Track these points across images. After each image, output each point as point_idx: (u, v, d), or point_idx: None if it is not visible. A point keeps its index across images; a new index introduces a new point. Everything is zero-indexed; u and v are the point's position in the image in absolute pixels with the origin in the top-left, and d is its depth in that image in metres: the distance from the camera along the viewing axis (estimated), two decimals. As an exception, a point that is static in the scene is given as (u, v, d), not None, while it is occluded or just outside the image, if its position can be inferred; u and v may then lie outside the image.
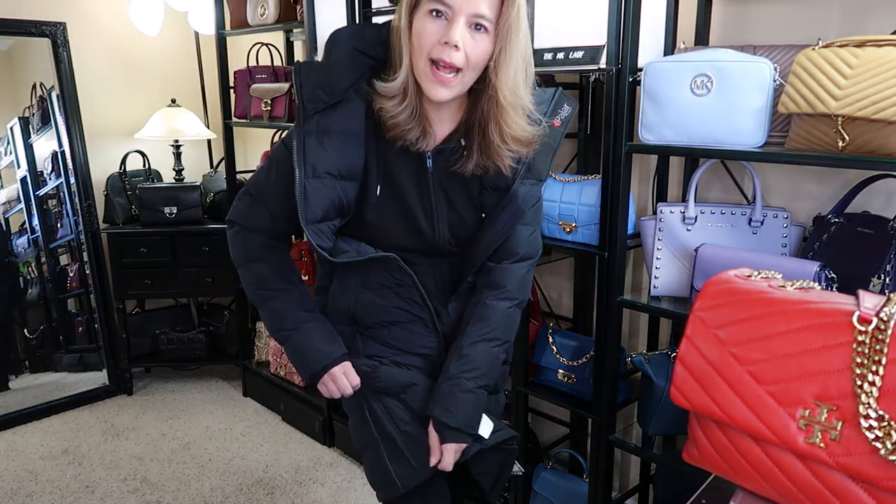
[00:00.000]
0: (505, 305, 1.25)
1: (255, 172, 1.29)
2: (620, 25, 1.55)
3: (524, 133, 1.13)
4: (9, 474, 2.52)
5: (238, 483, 2.46)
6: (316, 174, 1.11)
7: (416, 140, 1.12)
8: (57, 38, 2.93)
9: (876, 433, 0.72)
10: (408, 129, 1.11)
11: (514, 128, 1.12)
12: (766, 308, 0.82)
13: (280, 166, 1.18)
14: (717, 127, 1.46)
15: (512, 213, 1.19)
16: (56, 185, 3.04)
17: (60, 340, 3.16)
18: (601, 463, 1.81)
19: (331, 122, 1.11)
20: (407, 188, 1.17)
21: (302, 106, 1.12)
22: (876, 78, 1.19)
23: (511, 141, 1.13)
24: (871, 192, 1.48)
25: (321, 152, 1.11)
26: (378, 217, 1.17)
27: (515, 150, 1.14)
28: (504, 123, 1.10)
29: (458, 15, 1.03)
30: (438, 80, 1.06)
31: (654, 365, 1.70)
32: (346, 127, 1.12)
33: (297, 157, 1.10)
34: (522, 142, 1.14)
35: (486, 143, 1.13)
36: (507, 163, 1.15)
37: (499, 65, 1.07)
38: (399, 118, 1.10)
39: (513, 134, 1.12)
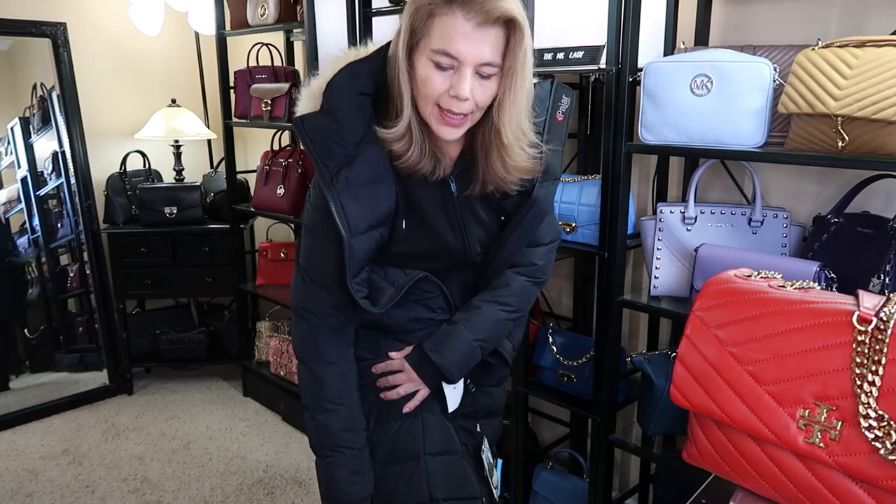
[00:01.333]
0: (524, 279, 1.27)
1: (300, 251, 1.21)
2: (620, 25, 1.55)
3: (526, 163, 1.13)
4: (9, 474, 2.52)
5: (238, 483, 2.46)
6: (359, 231, 1.08)
7: (432, 171, 1.11)
8: (57, 38, 2.93)
9: (875, 433, 0.72)
10: (420, 165, 1.10)
11: (516, 160, 1.11)
12: (765, 308, 0.83)
13: (325, 235, 1.12)
14: (716, 127, 1.46)
15: (535, 215, 1.19)
16: (56, 185, 3.04)
17: (61, 340, 3.17)
18: (601, 463, 1.81)
19: (358, 174, 1.08)
20: (433, 215, 1.16)
21: (322, 166, 1.07)
22: (876, 78, 1.19)
23: (514, 171, 1.13)
24: (870, 192, 1.49)
25: (358, 208, 1.08)
26: (405, 248, 1.16)
27: (520, 178, 1.14)
28: (507, 158, 1.10)
29: (465, 66, 1.00)
30: (448, 123, 1.05)
31: (654, 365, 1.70)
32: (374, 174, 1.09)
33: (339, 219, 1.06)
34: (525, 170, 1.14)
35: (490, 173, 1.13)
36: (512, 188, 1.15)
37: (502, 106, 1.06)
38: (411, 158, 1.09)
39: (515, 165, 1.12)
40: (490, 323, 1.23)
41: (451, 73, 1.01)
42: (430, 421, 1.25)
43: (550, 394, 1.96)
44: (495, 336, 1.25)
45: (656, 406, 1.67)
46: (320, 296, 1.17)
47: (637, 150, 1.64)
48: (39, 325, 3.10)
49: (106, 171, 3.14)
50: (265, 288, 3.01)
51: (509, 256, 1.22)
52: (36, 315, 3.09)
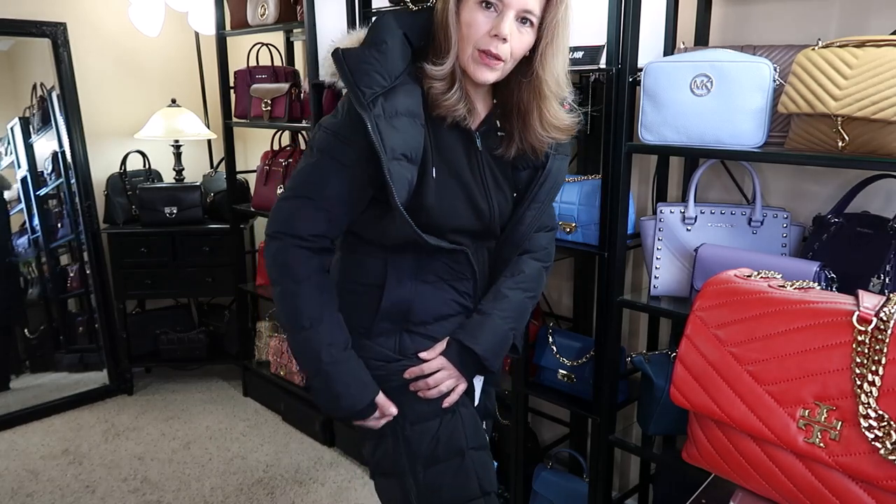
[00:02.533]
0: (537, 264, 1.31)
1: (296, 174, 1.18)
2: (620, 25, 1.55)
3: (563, 122, 1.19)
4: (9, 474, 2.52)
5: (238, 483, 2.46)
6: (395, 156, 1.08)
7: (464, 118, 1.15)
8: (57, 38, 2.93)
9: (875, 433, 0.72)
10: (457, 107, 1.14)
11: (554, 116, 1.17)
12: (765, 308, 0.83)
13: (336, 159, 1.13)
14: (716, 127, 1.46)
15: (550, 187, 1.24)
16: (56, 185, 3.04)
17: (61, 340, 3.16)
18: (601, 463, 1.81)
19: (395, 104, 1.09)
20: (461, 167, 1.18)
21: (358, 92, 1.07)
22: (875, 78, 1.19)
23: (551, 129, 1.18)
24: (870, 192, 1.49)
25: (394, 134, 1.08)
26: (438, 199, 1.15)
27: (555, 137, 1.19)
28: (547, 111, 1.15)
29: (509, 9, 1.07)
30: (486, 65, 1.10)
31: (654, 365, 1.70)
32: (409, 109, 1.11)
33: (376, 140, 1.05)
34: (562, 129, 1.19)
35: (526, 130, 1.18)
36: (545, 148, 1.20)
37: (545, 57, 1.12)
38: (451, 98, 1.13)
39: (553, 122, 1.17)
40: (518, 310, 1.26)
41: (493, 16, 1.07)
42: (466, 415, 1.27)
43: (550, 394, 1.96)
44: (522, 322, 1.29)
45: (656, 406, 1.67)
46: (309, 218, 1.14)
47: (637, 150, 1.64)
48: (39, 325, 3.10)
49: (106, 171, 3.14)
50: (265, 288, 3.01)
51: (526, 233, 1.25)
52: (36, 315, 3.09)
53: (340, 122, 1.14)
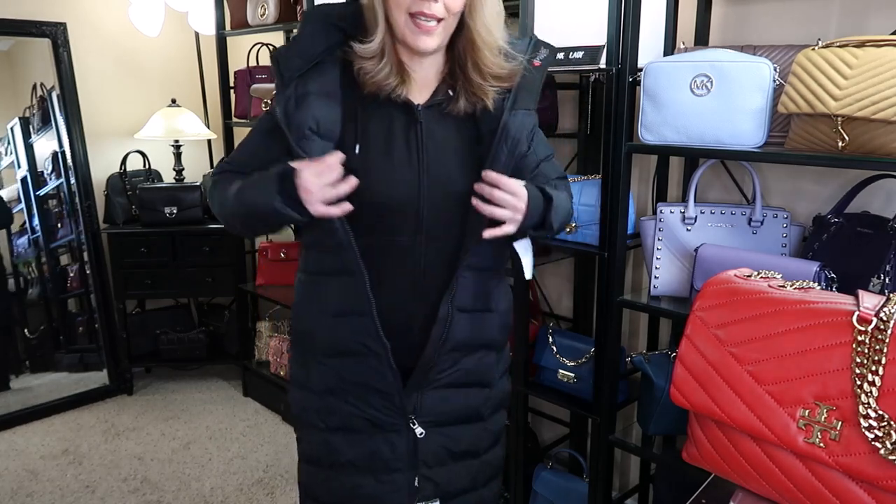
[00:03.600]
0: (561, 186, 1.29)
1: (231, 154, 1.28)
2: (620, 25, 1.55)
3: (502, 70, 1.15)
4: (9, 474, 2.52)
5: (238, 483, 2.46)
6: (301, 133, 1.11)
7: (395, 88, 1.13)
8: (57, 38, 2.93)
9: (875, 433, 0.72)
10: (387, 82, 1.12)
11: (491, 65, 1.14)
12: (765, 308, 0.83)
13: (262, 133, 1.21)
14: (716, 127, 1.46)
15: (512, 145, 1.16)
16: (56, 185, 3.04)
17: (61, 340, 3.16)
18: (601, 463, 1.81)
19: (308, 85, 1.12)
20: (394, 144, 1.15)
21: (280, 76, 1.13)
22: (875, 78, 1.19)
23: (491, 78, 1.15)
24: (870, 192, 1.49)
25: (300, 113, 1.11)
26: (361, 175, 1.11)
27: (497, 86, 1.15)
28: (481, 62, 1.13)
29: None
30: (422, 30, 1.08)
31: (654, 365, 1.70)
32: (322, 88, 1.13)
33: (283, 122, 1.11)
34: (503, 77, 1.16)
35: (468, 83, 1.15)
36: (490, 98, 1.15)
37: (474, 7, 1.11)
38: (378, 76, 1.12)
39: (491, 72, 1.14)
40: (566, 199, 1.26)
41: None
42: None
43: (550, 394, 1.96)
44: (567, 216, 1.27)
45: (656, 406, 1.67)
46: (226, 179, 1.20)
47: (637, 150, 1.64)
48: (39, 325, 3.10)
49: (106, 171, 3.14)
50: (265, 288, 3.01)
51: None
52: (36, 315, 3.09)
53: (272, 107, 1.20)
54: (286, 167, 1.08)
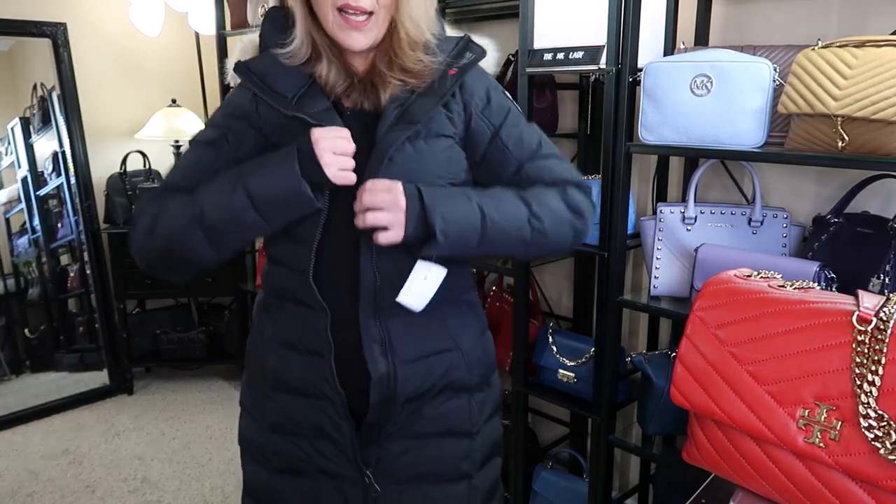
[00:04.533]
0: (559, 195, 1.05)
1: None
2: (620, 25, 1.55)
3: (414, 64, 1.02)
4: (9, 474, 2.52)
5: (238, 483, 2.46)
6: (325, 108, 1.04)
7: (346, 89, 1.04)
8: (57, 38, 2.93)
9: (875, 433, 0.72)
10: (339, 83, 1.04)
11: (403, 57, 1.02)
12: (765, 308, 0.83)
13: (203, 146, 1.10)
14: (716, 127, 1.46)
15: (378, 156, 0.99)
16: (57, 185, 3.04)
17: (61, 340, 3.16)
18: (601, 463, 1.81)
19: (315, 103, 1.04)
20: None
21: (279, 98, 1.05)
22: (875, 78, 1.20)
23: (399, 70, 1.03)
24: (870, 192, 1.49)
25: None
26: None
27: (402, 79, 1.02)
28: (393, 51, 1.02)
29: None
30: (352, 27, 0.98)
31: (654, 365, 1.70)
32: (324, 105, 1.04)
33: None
34: (413, 73, 1.03)
35: (372, 70, 1.04)
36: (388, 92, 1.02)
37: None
38: (331, 77, 1.03)
39: (401, 63, 1.02)
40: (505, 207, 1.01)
41: None
42: None
43: (550, 394, 1.96)
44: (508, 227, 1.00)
45: (656, 406, 1.67)
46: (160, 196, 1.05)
47: (637, 150, 1.64)
48: (40, 324, 3.10)
49: (106, 171, 3.14)
50: (265, 288, 3.01)
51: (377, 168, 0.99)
52: (36, 315, 3.09)
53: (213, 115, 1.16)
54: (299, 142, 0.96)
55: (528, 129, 1.11)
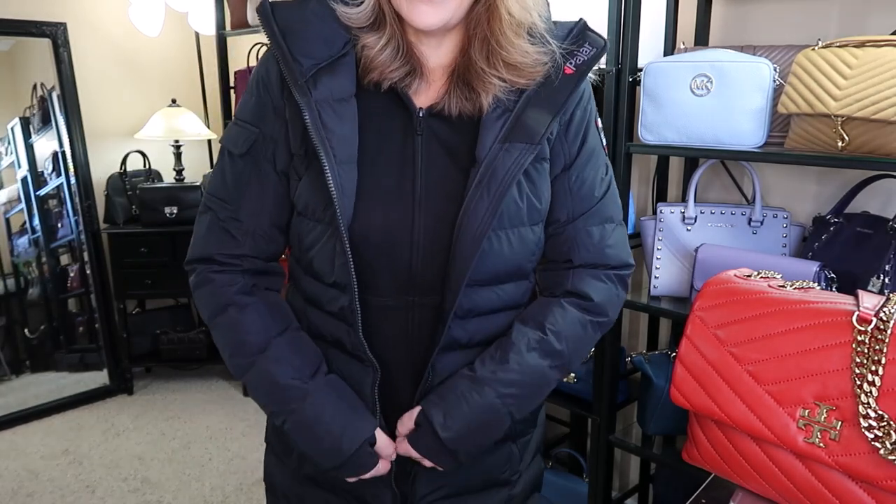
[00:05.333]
0: (583, 317, 0.90)
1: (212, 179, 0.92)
2: (620, 25, 1.55)
3: (522, 57, 0.81)
4: (9, 474, 2.52)
5: (238, 483, 2.46)
6: (342, 161, 0.80)
7: (405, 78, 0.83)
8: (57, 38, 2.93)
9: (875, 433, 0.72)
10: (391, 67, 0.82)
11: (506, 46, 0.80)
12: (765, 308, 0.82)
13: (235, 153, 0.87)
14: (716, 127, 1.46)
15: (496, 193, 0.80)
16: (56, 185, 3.04)
17: (61, 340, 3.16)
18: (601, 462, 1.81)
19: (341, 84, 0.82)
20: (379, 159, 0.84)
21: (293, 62, 0.80)
22: (875, 78, 1.20)
23: (502, 66, 0.81)
24: (870, 192, 1.49)
25: (344, 130, 0.81)
26: None
27: (507, 79, 0.82)
28: (494, 39, 0.80)
29: None
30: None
31: (654, 365, 1.70)
32: (350, 88, 0.83)
33: (316, 137, 0.79)
34: (518, 69, 0.82)
35: (466, 66, 0.82)
36: (490, 95, 0.82)
37: None
38: (383, 55, 0.82)
39: (505, 56, 0.81)
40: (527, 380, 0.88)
41: None
42: None
43: (550, 394, 1.95)
44: (532, 397, 0.91)
45: (656, 406, 1.67)
46: (226, 237, 0.88)
47: (637, 150, 1.64)
48: (40, 324, 3.10)
49: (106, 171, 3.14)
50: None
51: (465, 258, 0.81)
52: (36, 315, 3.09)
53: (243, 103, 0.88)
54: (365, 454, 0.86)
55: (599, 175, 0.92)
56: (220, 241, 0.89)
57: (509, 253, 0.86)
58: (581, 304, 0.91)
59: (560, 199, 0.90)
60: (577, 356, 0.92)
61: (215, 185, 0.90)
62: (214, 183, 0.90)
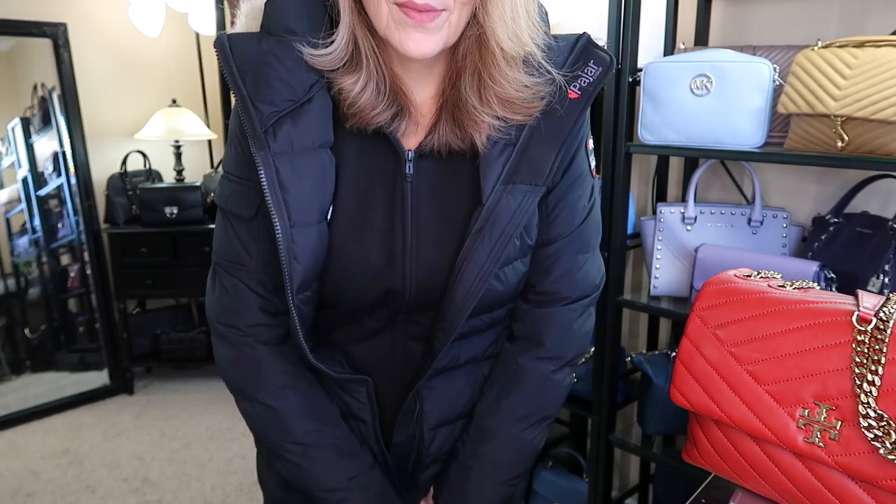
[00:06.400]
0: (545, 369, 0.89)
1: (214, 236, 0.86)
2: (620, 25, 1.55)
3: (518, 91, 0.75)
4: (10, 474, 2.52)
5: (238, 482, 2.46)
6: (304, 221, 0.75)
7: (392, 121, 0.77)
8: (58, 38, 2.93)
9: (875, 433, 0.72)
10: (375, 111, 0.75)
11: (502, 82, 0.74)
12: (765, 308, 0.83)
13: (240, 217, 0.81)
14: (716, 127, 1.46)
15: (499, 239, 0.77)
16: (57, 185, 3.05)
17: (62, 340, 3.17)
18: (601, 462, 1.81)
19: (306, 132, 0.74)
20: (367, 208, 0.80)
21: (252, 110, 0.72)
22: (875, 78, 1.20)
23: (496, 102, 0.75)
24: (870, 192, 1.49)
25: (304, 186, 0.74)
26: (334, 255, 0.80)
27: (502, 117, 0.76)
28: (487, 75, 0.74)
29: None
30: (417, 23, 0.69)
31: (654, 365, 1.70)
32: (322, 136, 0.76)
33: (271, 196, 0.72)
34: (514, 104, 0.76)
35: (456, 103, 0.76)
36: (483, 134, 0.76)
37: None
38: (363, 98, 0.74)
39: (499, 92, 0.74)
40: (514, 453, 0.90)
41: None
42: None
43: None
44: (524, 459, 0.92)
45: (656, 406, 1.67)
46: (242, 300, 0.82)
47: (637, 151, 1.64)
48: (40, 324, 3.10)
49: (106, 171, 3.14)
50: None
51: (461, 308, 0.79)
52: (36, 315, 3.10)
53: (235, 159, 0.80)
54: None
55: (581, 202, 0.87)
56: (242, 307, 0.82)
57: (503, 288, 0.84)
58: (538, 353, 0.89)
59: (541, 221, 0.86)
60: (552, 406, 0.93)
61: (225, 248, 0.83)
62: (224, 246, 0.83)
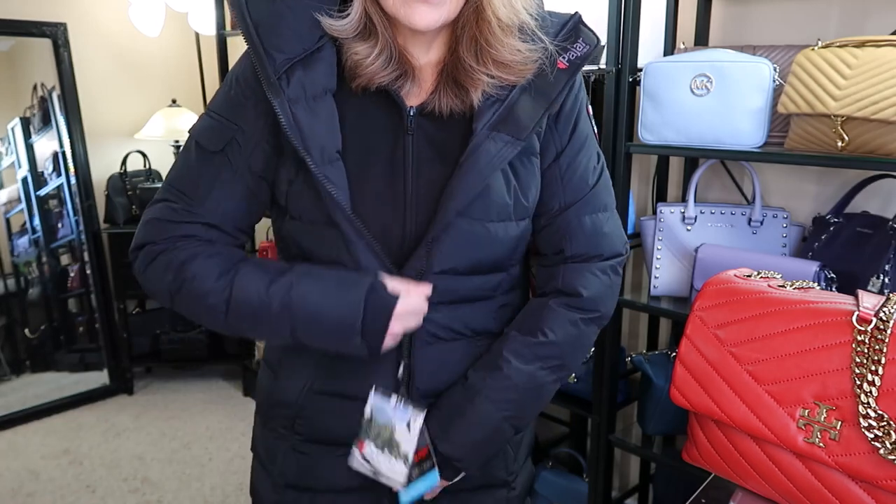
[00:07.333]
0: (574, 316, 0.90)
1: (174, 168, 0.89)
2: (620, 25, 1.55)
3: (512, 55, 0.81)
4: (10, 474, 2.52)
5: (238, 482, 2.46)
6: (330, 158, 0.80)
7: (396, 80, 0.83)
8: (58, 38, 2.93)
9: (875, 433, 0.72)
10: (383, 73, 0.82)
11: (495, 45, 0.80)
12: (765, 308, 0.83)
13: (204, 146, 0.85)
14: (716, 127, 1.46)
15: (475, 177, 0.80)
16: (57, 185, 3.04)
17: (61, 340, 3.17)
18: (601, 462, 1.81)
19: (316, 80, 0.80)
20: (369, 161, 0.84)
21: (265, 57, 0.78)
22: (875, 78, 1.20)
23: (491, 64, 0.81)
24: (870, 192, 1.49)
25: (322, 128, 0.80)
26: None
27: (496, 76, 0.82)
28: (483, 38, 0.80)
29: None
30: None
31: (654, 365, 1.70)
32: (327, 83, 0.81)
33: (295, 139, 0.78)
34: (508, 66, 0.82)
35: (455, 65, 0.82)
36: (479, 91, 0.82)
37: None
38: (375, 64, 0.81)
39: (494, 54, 0.81)
40: (523, 389, 0.88)
41: None
42: None
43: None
44: (532, 405, 0.91)
45: (656, 406, 1.67)
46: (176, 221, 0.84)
47: (637, 151, 1.64)
48: (40, 324, 3.10)
49: (106, 171, 3.14)
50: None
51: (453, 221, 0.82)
52: (36, 315, 3.09)
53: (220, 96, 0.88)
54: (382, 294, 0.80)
55: (591, 163, 0.92)
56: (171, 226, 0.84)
57: (493, 245, 0.86)
58: (571, 302, 0.90)
59: (552, 188, 0.90)
60: (573, 356, 0.92)
61: (178, 176, 0.87)
62: (178, 174, 0.87)
